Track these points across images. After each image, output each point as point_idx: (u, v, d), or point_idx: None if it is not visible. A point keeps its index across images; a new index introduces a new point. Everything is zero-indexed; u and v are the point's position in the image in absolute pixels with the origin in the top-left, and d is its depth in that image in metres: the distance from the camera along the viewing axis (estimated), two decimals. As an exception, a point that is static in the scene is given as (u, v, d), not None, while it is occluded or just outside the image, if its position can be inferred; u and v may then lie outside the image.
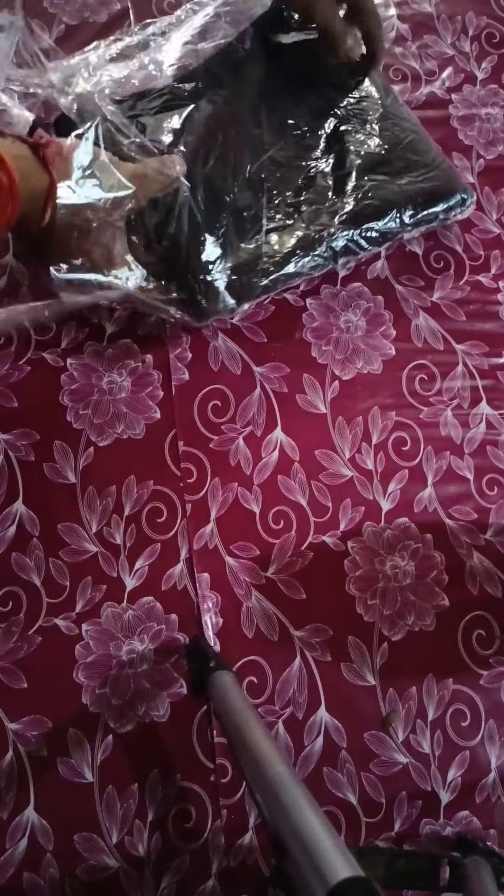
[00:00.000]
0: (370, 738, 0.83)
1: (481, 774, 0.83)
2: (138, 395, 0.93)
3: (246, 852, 0.78)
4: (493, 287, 1.05)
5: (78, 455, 0.89)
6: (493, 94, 1.18)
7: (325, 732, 0.82)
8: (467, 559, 0.91)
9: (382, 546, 0.90)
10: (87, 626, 0.82)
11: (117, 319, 0.95)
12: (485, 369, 1.00)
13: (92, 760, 0.78)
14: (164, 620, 0.84)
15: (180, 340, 0.96)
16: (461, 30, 1.21)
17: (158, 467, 0.89)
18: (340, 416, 0.95)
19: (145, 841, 0.77)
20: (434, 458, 0.95)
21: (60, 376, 0.92)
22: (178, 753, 0.80)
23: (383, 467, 0.93)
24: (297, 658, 0.84)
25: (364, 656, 0.85)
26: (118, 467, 0.89)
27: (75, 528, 0.86)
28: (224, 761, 0.80)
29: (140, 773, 0.78)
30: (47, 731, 0.79)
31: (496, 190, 1.11)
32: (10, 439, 0.89)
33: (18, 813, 0.76)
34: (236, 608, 0.85)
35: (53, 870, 0.75)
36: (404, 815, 0.81)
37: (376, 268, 1.04)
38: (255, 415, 0.93)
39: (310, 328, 0.99)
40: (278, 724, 0.82)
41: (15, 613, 0.82)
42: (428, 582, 0.89)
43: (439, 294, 1.04)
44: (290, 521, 0.89)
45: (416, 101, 1.15)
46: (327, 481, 0.91)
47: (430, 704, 0.85)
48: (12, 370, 0.91)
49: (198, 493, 0.89)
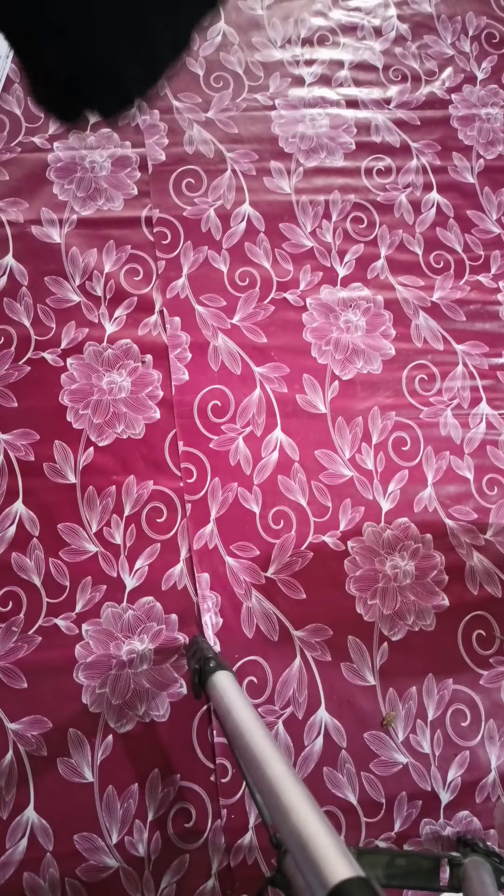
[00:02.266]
0: (370, 738, 0.83)
1: (481, 774, 0.83)
2: (138, 395, 0.93)
3: (246, 852, 0.78)
4: (493, 287, 1.05)
5: (78, 455, 0.89)
6: (493, 94, 1.18)
7: (325, 732, 0.82)
8: (467, 559, 0.91)
9: (382, 546, 0.90)
10: (87, 626, 0.82)
11: (117, 319, 0.96)
12: (485, 369, 1.00)
13: (92, 760, 0.78)
14: (164, 620, 0.84)
15: (180, 340, 0.96)
16: (461, 30, 1.21)
17: (158, 467, 0.89)
18: (340, 416, 0.95)
19: (145, 841, 0.77)
20: (434, 458, 0.95)
21: (60, 376, 0.92)
22: (178, 753, 0.80)
23: (383, 467, 0.93)
24: (297, 658, 0.84)
25: (364, 656, 0.85)
26: (118, 467, 0.89)
27: (75, 528, 0.86)
28: (224, 761, 0.80)
29: (140, 773, 0.78)
30: (47, 731, 0.79)
31: (496, 190, 1.11)
32: (10, 439, 0.89)
33: (18, 813, 0.76)
34: (236, 608, 0.85)
35: (53, 870, 0.75)
36: (404, 815, 0.81)
37: (376, 268, 1.04)
38: (255, 415, 0.93)
39: (310, 328, 0.99)
40: (278, 724, 0.82)
41: (15, 613, 0.82)
42: (428, 582, 0.89)
43: (439, 294, 1.04)
44: (290, 521, 0.89)
45: (415, 101, 1.15)
46: (327, 481, 0.91)
47: (430, 704, 0.85)
48: (12, 370, 0.92)
49: (198, 493, 0.89)
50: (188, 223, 1.02)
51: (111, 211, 1.01)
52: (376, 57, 1.17)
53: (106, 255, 0.98)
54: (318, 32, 1.17)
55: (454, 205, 1.09)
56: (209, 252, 1.01)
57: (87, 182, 1.02)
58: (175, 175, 1.04)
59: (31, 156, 1.02)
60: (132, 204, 1.02)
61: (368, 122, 1.12)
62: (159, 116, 1.07)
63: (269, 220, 1.04)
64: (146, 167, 1.04)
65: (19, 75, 1.06)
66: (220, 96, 1.10)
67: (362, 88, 1.14)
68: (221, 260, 1.01)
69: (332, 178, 1.08)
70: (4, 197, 1.00)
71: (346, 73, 1.15)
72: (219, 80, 1.11)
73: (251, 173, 1.06)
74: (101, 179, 1.03)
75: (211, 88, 1.10)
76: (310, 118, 1.11)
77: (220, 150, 1.07)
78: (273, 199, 1.05)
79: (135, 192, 1.03)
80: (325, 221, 1.05)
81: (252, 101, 1.10)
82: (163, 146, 1.06)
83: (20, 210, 0.99)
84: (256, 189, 1.06)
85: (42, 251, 0.98)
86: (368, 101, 1.14)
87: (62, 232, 0.99)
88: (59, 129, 1.04)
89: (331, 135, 1.10)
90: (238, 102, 1.10)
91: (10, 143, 1.03)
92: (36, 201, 1.00)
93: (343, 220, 1.06)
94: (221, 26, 1.14)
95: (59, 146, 1.03)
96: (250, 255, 1.02)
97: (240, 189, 1.05)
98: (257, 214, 1.04)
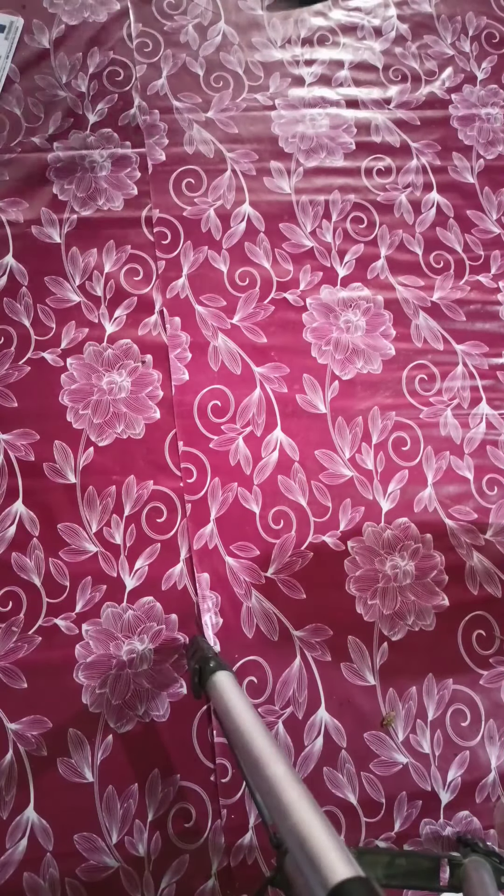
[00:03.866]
0: (370, 738, 0.83)
1: (481, 774, 0.83)
2: (138, 395, 0.93)
3: (246, 852, 0.78)
4: (493, 287, 1.05)
5: (78, 455, 0.89)
6: (493, 94, 1.18)
7: (325, 732, 0.82)
8: (467, 559, 0.91)
9: (382, 546, 0.90)
10: (87, 626, 0.82)
11: (117, 319, 0.96)
12: (485, 369, 1.00)
13: (92, 760, 0.78)
14: (164, 620, 0.84)
15: (180, 340, 0.96)
16: (461, 30, 1.21)
17: (158, 467, 0.89)
18: (340, 416, 0.95)
19: (145, 841, 0.77)
20: (434, 458, 0.95)
21: (60, 376, 0.92)
22: (178, 753, 0.80)
23: (383, 467, 0.93)
24: (297, 658, 0.84)
25: (364, 656, 0.85)
26: (118, 467, 0.89)
27: (75, 528, 0.86)
28: (224, 761, 0.80)
29: (140, 773, 0.78)
30: (47, 731, 0.79)
31: (496, 190, 1.11)
32: (10, 439, 0.89)
33: (18, 813, 0.76)
34: (236, 608, 0.85)
35: (53, 870, 0.75)
36: (404, 815, 0.81)
37: (376, 268, 1.04)
38: (255, 415, 0.93)
39: (310, 328, 0.99)
40: (278, 724, 0.82)
41: (15, 613, 0.82)
42: (428, 582, 0.89)
43: (439, 294, 1.04)
44: (290, 521, 0.89)
45: (415, 101, 1.15)
46: (327, 481, 0.91)
47: (430, 704, 0.85)
48: (12, 370, 0.92)
49: (198, 493, 0.89)
50: (188, 223, 1.02)
51: (111, 211, 1.01)
52: (376, 57, 1.17)
53: (106, 255, 0.98)
54: (318, 32, 1.17)
55: (454, 205, 1.09)
56: (209, 252, 1.01)
57: (87, 182, 1.02)
58: (175, 175, 1.04)
59: (31, 156, 1.02)
60: (132, 204, 1.02)
61: (368, 122, 1.12)
62: (159, 116, 1.07)
63: (269, 220, 1.04)
64: (146, 167, 1.04)
65: (19, 75, 1.06)
66: (220, 96, 1.10)
67: (362, 88, 1.14)
68: (221, 260, 1.01)
69: (332, 178, 1.08)
70: (4, 197, 1.00)
71: (346, 73, 1.15)
72: (219, 80, 1.11)
73: (251, 173, 1.06)
74: (101, 179, 1.03)
75: (211, 88, 1.10)
76: (310, 118, 1.11)
77: (220, 150, 1.07)
78: (273, 199, 1.05)
79: (135, 192, 1.03)
80: (325, 221, 1.05)
81: (252, 101, 1.10)
82: (163, 146, 1.06)
83: (20, 210, 0.99)
84: (256, 189, 1.06)
85: (42, 251, 0.98)
86: (368, 101, 1.14)
87: (62, 232, 0.99)
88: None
89: (331, 135, 1.10)
90: (238, 102, 1.10)
91: (10, 143, 1.03)
92: (36, 201, 1.00)
93: (343, 220, 1.06)
94: (221, 26, 1.14)
95: (59, 146, 1.03)
96: (250, 255, 1.02)
97: (240, 189, 1.05)
98: (257, 214, 1.04)
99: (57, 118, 1.05)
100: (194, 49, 1.12)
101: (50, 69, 1.08)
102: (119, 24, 1.12)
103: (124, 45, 1.11)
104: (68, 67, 1.08)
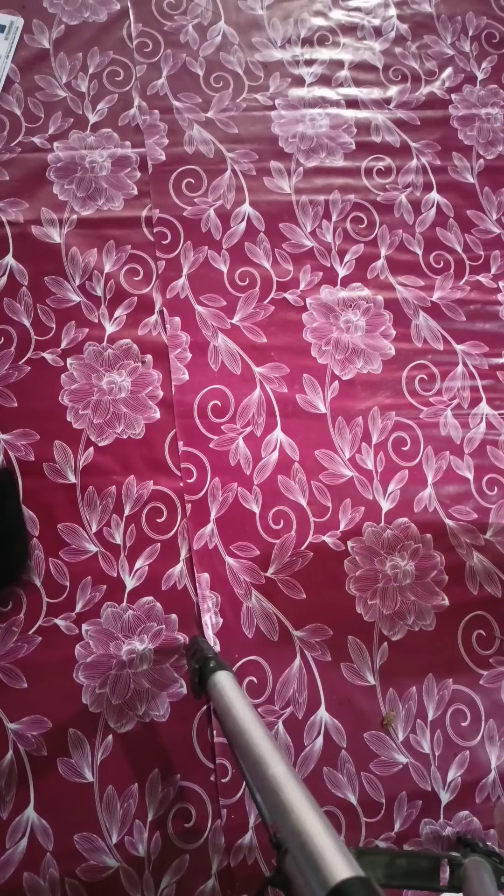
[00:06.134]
0: (370, 738, 0.83)
1: (481, 774, 0.83)
2: (138, 395, 0.93)
3: (246, 852, 0.78)
4: (493, 287, 1.05)
5: (78, 455, 0.89)
6: (493, 94, 1.18)
7: (325, 732, 0.82)
8: (467, 559, 0.91)
9: (382, 546, 0.90)
10: (87, 626, 0.82)
11: (117, 319, 0.96)
12: (485, 369, 1.00)
13: (92, 760, 0.78)
14: (164, 620, 0.84)
15: (180, 340, 0.96)
16: (461, 30, 1.21)
17: (158, 467, 0.89)
18: (340, 416, 0.95)
19: (145, 841, 0.77)
20: (434, 458, 0.95)
21: (60, 376, 0.92)
22: (178, 753, 0.80)
23: (383, 467, 0.93)
24: (297, 658, 0.84)
25: (364, 656, 0.85)
26: (118, 467, 0.89)
27: (75, 528, 0.86)
28: (224, 761, 0.80)
29: (140, 773, 0.78)
30: (47, 731, 0.79)
31: (496, 190, 1.11)
32: (10, 439, 0.89)
33: (18, 813, 0.76)
34: (236, 608, 0.85)
35: (53, 870, 0.75)
36: (404, 815, 0.81)
37: (376, 268, 1.04)
38: (255, 415, 0.93)
39: (310, 328, 0.99)
40: (278, 724, 0.82)
41: (15, 613, 0.82)
42: (428, 582, 0.89)
43: (439, 294, 1.04)
44: (290, 521, 0.89)
45: (415, 101, 1.15)
46: (327, 481, 0.91)
47: (430, 704, 0.85)
48: (12, 370, 0.92)
49: (198, 493, 0.89)
50: (188, 223, 1.02)
51: (111, 211, 1.01)
52: (376, 57, 1.17)
53: (106, 255, 0.98)
54: (318, 32, 1.17)
55: (454, 205, 1.09)
56: (209, 252, 1.01)
57: (87, 182, 1.02)
58: (175, 175, 1.04)
59: (31, 156, 1.02)
60: (132, 204, 1.02)
61: (368, 122, 1.12)
62: (159, 116, 1.07)
63: (269, 220, 1.04)
64: (146, 167, 1.04)
65: (19, 75, 1.06)
66: (220, 96, 1.10)
67: (362, 88, 1.14)
68: (221, 260, 1.01)
69: (332, 178, 1.08)
70: (4, 197, 1.00)
71: (346, 73, 1.15)
72: (219, 80, 1.11)
73: (251, 173, 1.06)
74: (101, 179, 1.03)
75: (211, 88, 1.10)
76: (310, 118, 1.11)
77: (220, 150, 1.07)
78: (273, 199, 1.05)
79: (135, 192, 1.03)
80: (325, 221, 1.05)
81: (252, 101, 1.10)
82: (163, 146, 1.06)
83: (20, 210, 0.99)
84: (256, 189, 1.06)
85: (42, 251, 0.98)
86: (368, 101, 1.14)
87: (62, 232, 0.99)
88: (59, 129, 1.04)
89: (331, 135, 1.10)
90: (238, 102, 1.10)
91: (10, 143, 1.03)
92: (36, 201, 1.00)
93: (343, 220, 1.06)
94: (221, 26, 1.14)
95: (58, 146, 1.03)
96: (250, 255, 1.02)
97: (240, 189, 1.05)
98: (257, 214, 1.04)
99: (57, 118, 1.05)
100: (194, 49, 1.12)
101: (50, 69, 1.08)
102: (119, 24, 1.12)
103: (124, 45, 1.11)
104: (68, 67, 1.08)
